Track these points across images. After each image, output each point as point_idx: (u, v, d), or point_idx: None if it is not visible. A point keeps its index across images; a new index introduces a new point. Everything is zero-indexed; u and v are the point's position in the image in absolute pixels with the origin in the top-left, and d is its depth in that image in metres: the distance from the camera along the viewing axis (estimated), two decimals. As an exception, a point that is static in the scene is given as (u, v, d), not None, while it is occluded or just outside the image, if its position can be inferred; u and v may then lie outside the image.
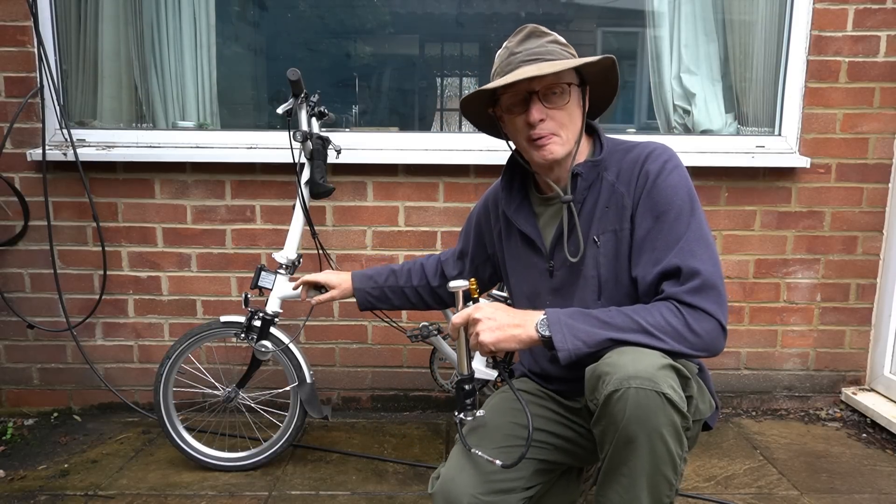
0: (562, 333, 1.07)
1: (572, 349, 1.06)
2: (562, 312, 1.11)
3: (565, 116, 1.19)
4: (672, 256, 1.10)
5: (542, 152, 1.20)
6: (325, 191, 1.94)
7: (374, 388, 2.51)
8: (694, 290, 1.08)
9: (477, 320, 1.13)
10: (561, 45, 1.21)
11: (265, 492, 1.90)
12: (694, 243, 1.11)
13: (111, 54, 2.43)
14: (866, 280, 2.44)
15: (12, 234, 2.36)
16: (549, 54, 1.17)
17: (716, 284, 1.09)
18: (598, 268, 1.20)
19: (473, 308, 1.15)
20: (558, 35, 1.23)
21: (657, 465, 1.02)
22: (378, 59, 2.73)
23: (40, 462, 2.09)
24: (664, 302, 1.09)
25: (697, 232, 1.12)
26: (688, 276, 1.08)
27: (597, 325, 1.08)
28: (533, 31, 1.21)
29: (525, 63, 1.17)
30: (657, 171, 1.16)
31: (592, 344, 1.07)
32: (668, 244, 1.12)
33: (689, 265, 1.09)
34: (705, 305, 1.07)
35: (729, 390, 2.51)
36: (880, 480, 1.97)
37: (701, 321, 1.07)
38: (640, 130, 2.66)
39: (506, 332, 1.11)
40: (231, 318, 1.98)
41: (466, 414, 1.22)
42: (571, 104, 1.20)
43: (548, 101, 1.18)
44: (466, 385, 1.21)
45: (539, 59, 1.16)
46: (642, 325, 1.06)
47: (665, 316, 1.07)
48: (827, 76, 2.33)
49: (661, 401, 0.98)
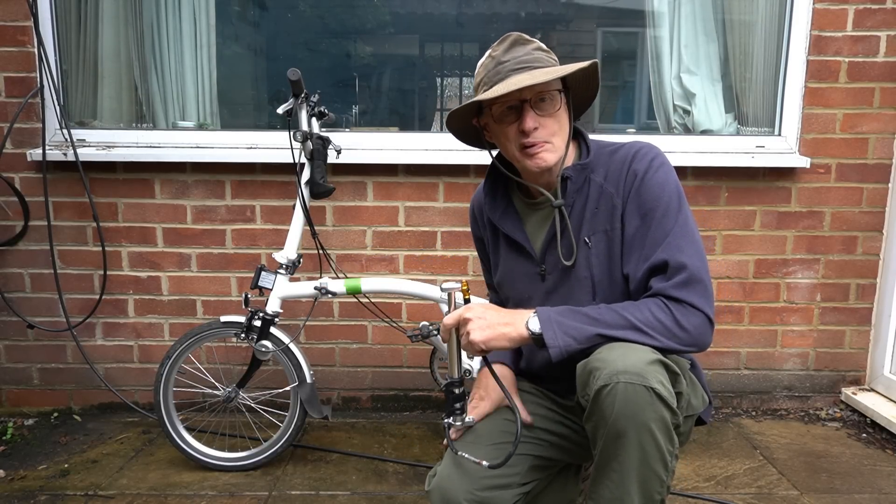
0: (552, 330, 1.09)
1: (563, 346, 1.08)
2: (552, 310, 1.12)
3: (556, 123, 1.20)
4: (660, 252, 1.13)
5: (535, 160, 1.20)
6: (325, 191, 1.94)
7: (374, 388, 2.51)
8: (681, 285, 1.10)
9: (467, 320, 1.13)
10: (545, 51, 1.21)
11: (265, 492, 1.90)
12: (680, 238, 1.13)
13: (111, 54, 2.43)
14: (866, 280, 2.44)
15: (12, 234, 2.36)
16: (538, 62, 1.18)
17: (702, 278, 1.11)
18: (591, 268, 1.21)
19: (464, 308, 1.16)
20: (540, 41, 1.24)
21: (647, 461, 1.02)
22: (378, 59, 2.73)
23: (40, 462, 2.09)
24: (653, 298, 1.11)
25: (684, 227, 1.14)
26: (675, 271, 1.10)
27: (587, 321, 1.09)
28: (517, 39, 1.21)
29: (515, 72, 1.17)
30: (644, 170, 1.17)
31: (582, 340, 1.08)
32: (656, 240, 1.14)
33: (676, 259, 1.11)
34: (692, 299, 1.09)
35: (729, 390, 2.51)
36: (880, 480, 1.97)
37: (689, 316, 1.09)
38: (640, 130, 2.66)
39: (496, 330, 1.12)
40: (231, 318, 1.98)
41: (455, 418, 1.23)
42: (561, 110, 1.21)
43: (539, 108, 1.19)
44: (456, 389, 1.22)
45: (528, 67, 1.17)
46: (631, 322, 1.08)
47: (653, 312, 1.08)
48: (827, 76, 2.33)
49: (649, 395, 0.99)
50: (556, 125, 1.20)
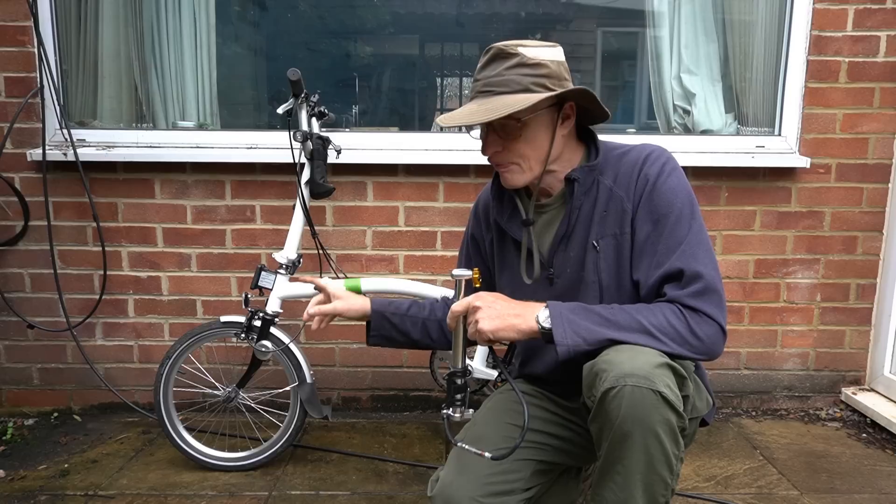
0: (563, 328, 1.07)
1: (571, 345, 1.06)
2: (564, 306, 1.10)
3: (523, 146, 1.17)
4: (674, 259, 1.11)
5: (502, 179, 1.23)
6: (325, 191, 1.94)
7: (374, 388, 2.50)
8: (697, 294, 1.08)
9: (477, 308, 1.11)
10: (528, 66, 1.13)
11: (265, 492, 1.90)
12: (696, 247, 1.11)
13: (111, 54, 2.43)
14: (866, 280, 2.44)
15: (12, 234, 2.36)
16: (503, 85, 1.13)
17: (717, 288, 1.10)
18: (599, 273, 1.20)
19: (474, 297, 1.13)
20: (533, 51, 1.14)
21: (652, 464, 1.02)
22: (378, 59, 2.73)
23: (40, 462, 2.09)
24: (667, 304, 1.10)
25: (699, 235, 1.13)
26: (690, 280, 1.09)
27: (599, 321, 1.08)
28: (497, 53, 1.15)
29: (479, 95, 1.16)
30: (657, 174, 1.16)
31: (592, 342, 1.06)
32: (670, 247, 1.12)
33: (692, 268, 1.09)
34: (707, 309, 1.08)
35: (729, 390, 2.51)
36: (880, 480, 1.97)
37: (703, 325, 1.08)
38: (640, 130, 2.66)
39: (506, 321, 1.10)
40: (231, 318, 1.98)
41: (454, 409, 1.19)
42: (531, 132, 1.17)
43: (502, 132, 1.17)
44: (458, 379, 1.18)
45: (491, 91, 1.14)
46: (644, 326, 1.06)
47: (668, 317, 1.07)
48: (827, 76, 2.33)
49: (656, 399, 0.98)
50: (524, 147, 1.17)
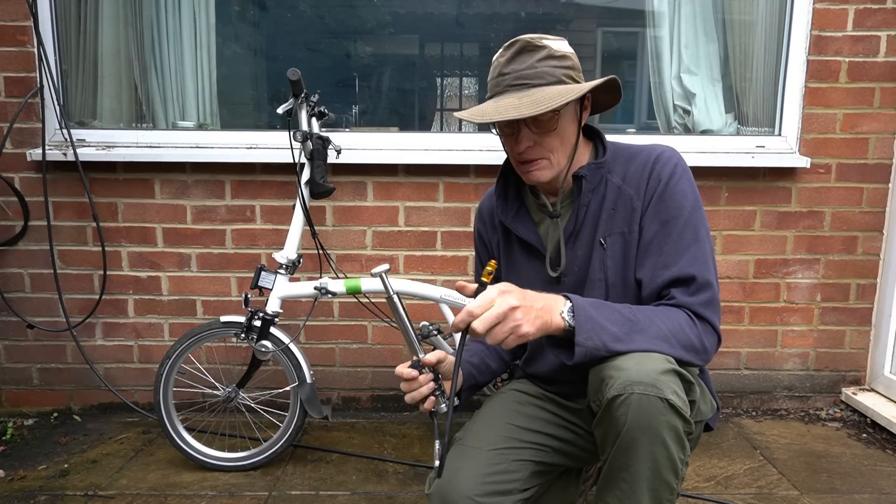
0: (586, 330, 1.01)
1: (591, 348, 1.01)
2: (587, 303, 1.04)
3: (555, 139, 1.16)
4: (685, 264, 1.11)
5: (529, 177, 1.19)
6: (325, 191, 1.94)
7: (374, 388, 2.50)
8: (706, 303, 1.10)
9: (515, 308, 0.97)
10: (556, 59, 1.13)
11: (265, 492, 1.90)
12: (708, 255, 1.12)
13: (111, 54, 2.43)
14: (866, 280, 2.44)
15: (12, 234, 2.36)
16: (539, 77, 1.11)
17: (718, 299, 1.12)
18: (606, 270, 1.19)
19: (498, 295, 0.98)
20: (556, 44, 1.15)
21: (658, 471, 1.01)
22: (378, 59, 2.73)
23: (40, 462, 2.09)
24: (680, 310, 1.09)
25: (708, 243, 1.14)
26: (701, 288, 1.10)
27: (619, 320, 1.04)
28: (524, 45, 1.13)
29: (511, 88, 1.13)
30: (669, 175, 1.15)
31: (612, 350, 1.02)
32: (678, 250, 1.12)
33: (704, 277, 1.10)
34: (714, 320, 1.10)
35: (729, 390, 2.51)
36: (880, 480, 1.97)
37: (709, 336, 1.09)
38: (640, 130, 2.66)
39: (542, 319, 1.00)
40: (231, 318, 1.98)
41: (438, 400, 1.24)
42: (563, 125, 1.16)
43: (536, 125, 1.15)
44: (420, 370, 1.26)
45: (527, 84, 1.11)
46: (662, 331, 1.04)
47: (682, 325, 1.07)
48: (827, 76, 2.33)
49: (663, 406, 0.97)
50: (555, 140, 1.16)
